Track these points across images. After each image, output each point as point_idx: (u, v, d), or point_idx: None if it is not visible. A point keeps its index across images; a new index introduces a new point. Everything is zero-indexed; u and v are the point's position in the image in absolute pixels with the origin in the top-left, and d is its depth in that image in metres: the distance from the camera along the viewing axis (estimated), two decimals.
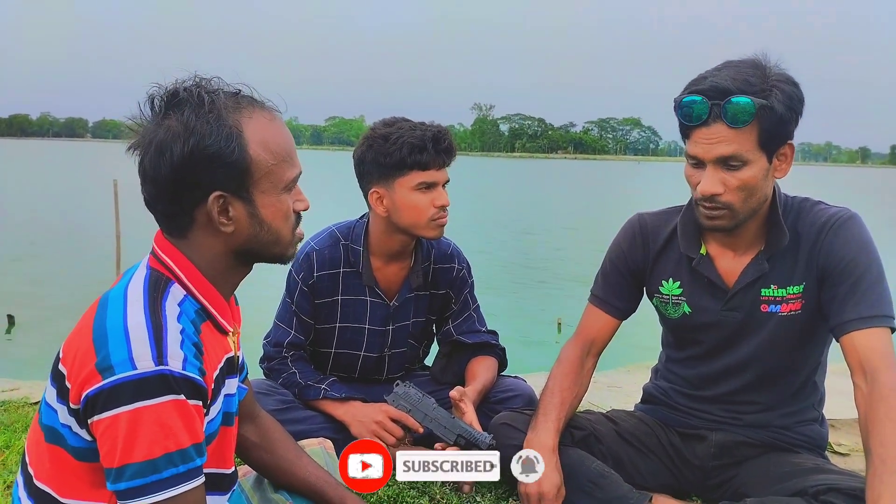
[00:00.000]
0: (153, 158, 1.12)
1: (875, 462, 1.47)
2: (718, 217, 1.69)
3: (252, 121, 1.16)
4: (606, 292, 1.99)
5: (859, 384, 1.58)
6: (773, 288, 1.78)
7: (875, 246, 1.71)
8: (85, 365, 1.05)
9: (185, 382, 1.05)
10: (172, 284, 1.15)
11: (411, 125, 2.06)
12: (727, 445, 1.90)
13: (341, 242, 2.19)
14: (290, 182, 1.21)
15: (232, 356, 1.25)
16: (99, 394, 1.03)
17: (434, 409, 2.00)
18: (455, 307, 2.31)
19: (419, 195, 2.04)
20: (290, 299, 2.19)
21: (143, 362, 1.03)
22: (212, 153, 1.11)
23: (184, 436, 1.05)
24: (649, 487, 1.89)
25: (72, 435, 1.10)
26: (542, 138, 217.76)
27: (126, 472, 1.03)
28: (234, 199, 1.16)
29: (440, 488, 2.00)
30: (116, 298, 1.11)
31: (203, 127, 1.11)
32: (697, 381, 1.94)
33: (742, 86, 1.58)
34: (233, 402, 1.28)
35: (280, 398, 2.09)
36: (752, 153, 1.61)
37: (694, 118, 1.62)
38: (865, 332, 1.61)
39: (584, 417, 2.03)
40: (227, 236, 1.18)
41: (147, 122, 1.15)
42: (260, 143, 1.16)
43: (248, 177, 1.15)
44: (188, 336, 1.10)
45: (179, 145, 1.10)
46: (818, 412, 1.93)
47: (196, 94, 1.13)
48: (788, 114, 1.60)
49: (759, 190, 1.66)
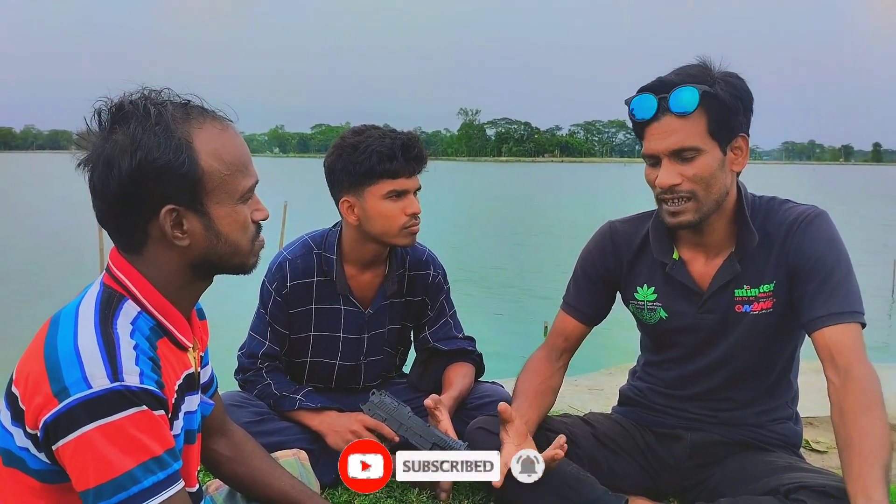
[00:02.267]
0: (101, 174, 1.10)
1: (858, 453, 1.47)
2: (683, 211, 1.71)
3: (202, 131, 1.14)
4: (577, 300, 2.01)
5: (832, 378, 1.60)
6: (745, 288, 1.80)
7: (843, 242, 1.73)
8: (39, 389, 1.03)
9: (144, 395, 1.04)
10: (125, 301, 1.13)
11: (381, 133, 2.04)
12: (702, 445, 1.90)
13: (314, 251, 2.18)
14: (247, 192, 1.19)
15: (192, 372, 1.24)
16: (58, 419, 1.01)
17: (409, 418, 2.00)
18: (431, 314, 2.30)
19: (390, 204, 2.03)
20: (264, 310, 2.17)
21: (97, 380, 1.01)
22: (160, 166, 1.09)
23: (154, 444, 1.04)
24: (626, 490, 1.89)
25: (31, 457, 1.07)
26: (529, 142, 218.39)
27: (106, 490, 1.01)
28: (188, 213, 1.13)
29: (417, 496, 1.99)
30: (67, 318, 1.10)
31: (150, 140, 1.09)
32: (675, 381, 1.95)
33: (685, 78, 1.66)
34: (194, 420, 1.26)
35: (255, 410, 2.07)
36: (703, 142, 1.66)
37: (644, 114, 1.68)
38: (836, 327, 1.63)
39: (561, 421, 2.04)
40: (183, 250, 1.16)
41: (94, 136, 1.12)
42: (211, 153, 1.14)
43: (200, 189, 1.13)
44: (143, 351, 1.08)
45: (127, 159, 1.08)
46: (792, 410, 1.94)
47: (142, 106, 1.11)
48: (735, 103, 1.65)
49: (716, 181, 1.69)
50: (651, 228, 1.89)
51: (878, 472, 1.44)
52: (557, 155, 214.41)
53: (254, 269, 1.27)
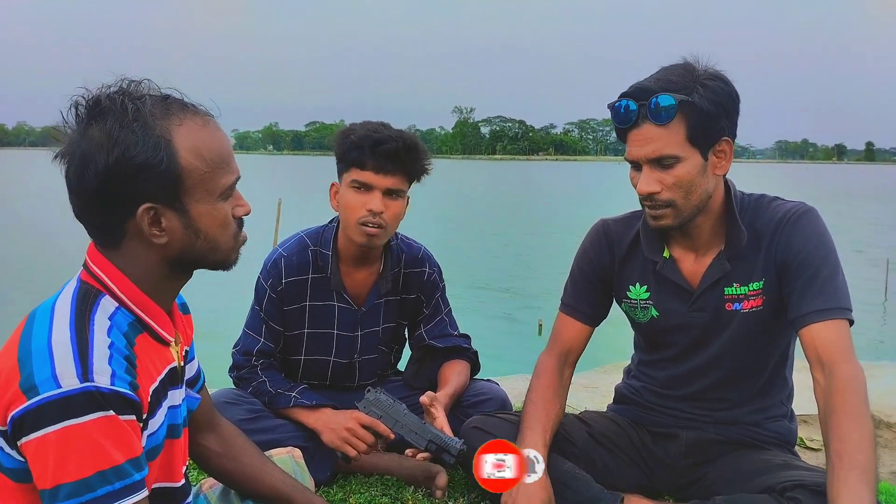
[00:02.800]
0: (77, 170, 1.08)
1: (833, 458, 1.47)
2: (662, 216, 1.72)
3: (182, 127, 1.11)
4: (576, 300, 1.99)
5: (818, 378, 1.60)
6: (735, 286, 1.79)
7: (831, 239, 1.73)
8: (9, 385, 1.02)
9: (114, 397, 1.02)
10: (103, 297, 1.12)
11: (373, 127, 2.04)
12: (698, 444, 1.90)
13: (310, 248, 2.17)
14: (227, 189, 1.17)
15: (175, 366, 1.22)
16: (25, 415, 1.00)
17: (405, 415, 1.99)
18: (426, 311, 2.30)
19: (353, 194, 2.04)
20: (259, 307, 2.17)
21: (67, 380, 1.00)
22: (138, 164, 1.07)
23: (116, 453, 1.02)
24: (621, 488, 1.89)
25: (4, 456, 1.06)
26: (523, 140, 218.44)
27: (60, 493, 1.00)
28: (166, 210, 1.11)
29: (412, 494, 1.99)
30: (43, 314, 1.08)
31: (128, 137, 1.06)
32: (669, 381, 1.95)
33: (665, 85, 1.64)
34: (178, 414, 1.25)
35: (249, 407, 2.07)
36: (682, 150, 1.65)
37: (624, 120, 1.68)
38: (823, 324, 1.62)
39: None
40: (161, 247, 1.14)
41: (70, 130, 1.10)
42: (191, 150, 1.11)
43: (179, 186, 1.11)
44: (118, 350, 1.07)
45: (103, 156, 1.06)
46: (787, 407, 1.94)
47: (119, 101, 1.08)
48: (716, 109, 1.63)
49: (697, 187, 1.69)
50: (642, 227, 1.88)
51: (851, 479, 1.43)
52: (552, 153, 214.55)
53: (234, 265, 1.24)
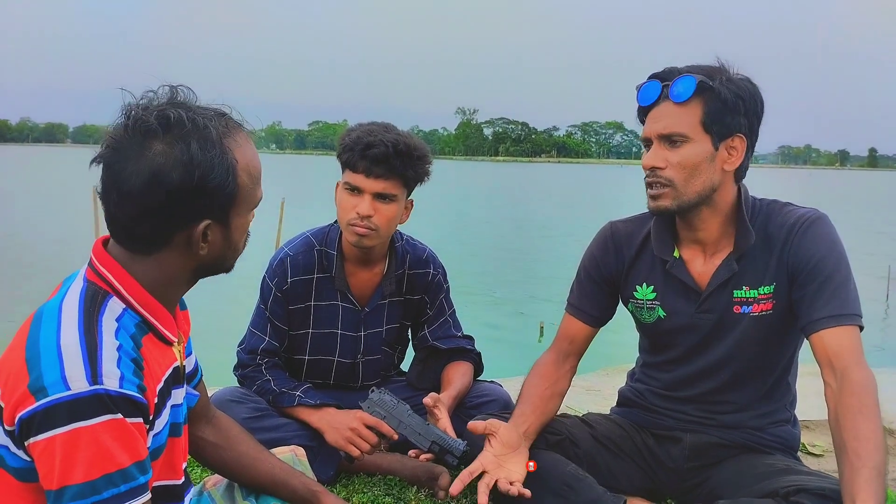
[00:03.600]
0: (146, 183, 1.08)
1: (850, 457, 1.48)
2: (660, 196, 1.74)
3: (239, 148, 1.16)
4: (581, 300, 2.01)
5: (829, 381, 1.61)
6: (744, 289, 1.80)
7: (843, 246, 1.74)
8: (18, 386, 1.03)
9: (122, 401, 1.03)
10: (110, 298, 1.13)
11: (369, 130, 2.05)
12: (701, 447, 1.91)
13: (315, 248, 2.18)
14: (259, 201, 1.23)
15: (177, 366, 1.24)
16: (33, 416, 1.01)
17: (409, 416, 1.99)
18: (430, 312, 2.30)
19: (345, 195, 2.07)
20: (264, 305, 2.17)
21: (76, 383, 1.01)
22: (213, 186, 1.11)
23: (123, 456, 1.03)
24: (624, 490, 1.89)
25: (10, 455, 1.07)
26: (526, 142, 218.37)
27: (66, 495, 1.01)
28: (216, 225, 1.16)
29: (415, 494, 1.99)
30: (50, 315, 1.08)
31: (208, 160, 1.10)
32: (673, 383, 1.95)
33: (691, 69, 1.71)
34: (180, 413, 1.26)
35: (253, 406, 2.07)
36: (693, 131, 1.69)
37: (646, 98, 1.75)
38: (835, 330, 1.64)
39: (560, 421, 2.03)
40: (197, 257, 1.17)
41: (128, 139, 1.10)
42: (244, 169, 1.16)
43: (234, 203, 1.16)
44: (126, 352, 1.08)
45: (179, 174, 1.08)
46: (790, 413, 1.94)
47: (200, 123, 1.11)
48: (736, 102, 1.68)
49: (701, 173, 1.71)
50: (653, 227, 1.90)
51: (868, 475, 1.44)
52: (554, 155, 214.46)
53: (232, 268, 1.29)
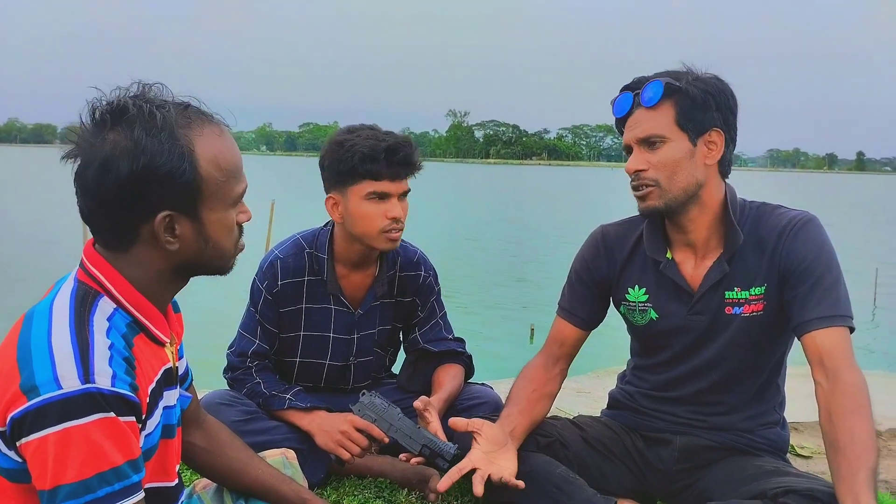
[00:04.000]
0: (98, 174, 1.08)
1: (848, 457, 1.49)
2: (647, 196, 1.78)
3: (202, 137, 1.13)
4: (572, 304, 2.02)
5: (820, 381, 1.63)
6: (736, 290, 1.82)
7: (833, 248, 1.76)
8: (9, 386, 1.02)
9: (115, 399, 1.03)
10: (101, 298, 1.12)
11: (369, 133, 2.02)
12: (691, 449, 1.91)
13: (306, 250, 2.17)
14: (238, 197, 1.20)
15: (170, 367, 1.23)
16: (25, 416, 1.00)
17: (399, 419, 1.99)
18: (421, 315, 2.30)
19: (370, 205, 2.01)
20: (255, 308, 2.17)
21: (68, 381, 1.00)
22: (162, 173, 1.08)
23: (116, 454, 1.03)
24: (614, 492, 1.90)
25: (2, 457, 1.06)
26: (517, 145, 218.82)
27: (59, 494, 1.00)
28: (182, 217, 1.13)
29: (406, 496, 1.99)
30: (41, 315, 1.08)
31: (155, 146, 1.08)
32: (664, 384, 1.96)
33: (659, 75, 1.77)
34: (173, 414, 1.26)
35: (243, 409, 2.06)
36: (669, 132, 1.74)
37: (620, 110, 1.82)
38: (826, 331, 1.66)
39: (550, 423, 2.04)
40: (171, 253, 1.15)
41: (87, 132, 1.10)
42: (210, 160, 1.13)
43: (198, 195, 1.13)
44: (118, 351, 1.07)
45: (128, 163, 1.07)
46: (779, 415, 1.96)
47: (146, 109, 1.09)
48: (704, 97, 1.73)
49: (682, 170, 1.75)
50: (646, 229, 1.91)
51: (865, 476, 1.46)
52: (545, 158, 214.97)
53: (230, 271, 1.26)
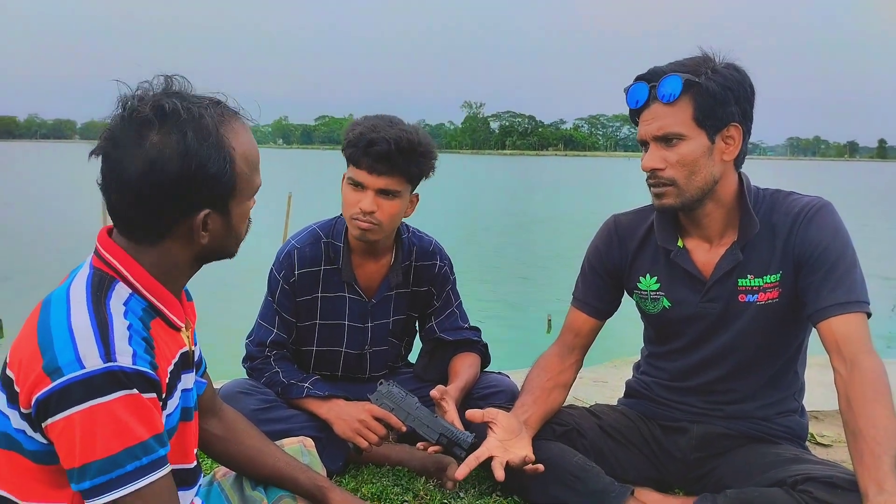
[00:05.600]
0: (143, 173, 1.09)
1: (870, 444, 1.48)
2: (664, 194, 1.75)
3: (237, 136, 1.16)
4: (586, 294, 2.02)
5: (838, 368, 1.62)
6: (749, 278, 1.80)
7: (848, 233, 1.74)
8: (32, 369, 1.04)
9: (136, 377, 1.05)
10: (117, 283, 1.14)
11: (374, 124, 2.04)
12: (708, 438, 1.91)
13: (322, 240, 2.19)
14: (257, 188, 1.23)
15: (186, 351, 1.25)
16: (49, 397, 1.02)
17: (417, 408, 2.00)
18: (437, 304, 2.31)
19: (348, 189, 2.08)
20: (272, 298, 2.19)
21: (90, 361, 1.03)
22: (210, 175, 1.12)
23: (141, 429, 1.05)
24: (631, 480, 1.90)
25: (27, 439, 1.09)
26: (533, 135, 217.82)
27: (89, 471, 1.03)
28: (216, 213, 1.17)
29: (424, 484, 2.00)
30: (59, 299, 1.10)
31: (205, 150, 1.11)
32: (679, 373, 1.96)
33: (676, 68, 1.71)
34: (190, 397, 1.28)
35: (262, 397, 2.08)
36: (687, 129, 1.70)
37: (634, 101, 1.76)
38: (843, 317, 1.64)
39: (567, 412, 2.05)
40: (200, 246, 1.18)
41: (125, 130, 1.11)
42: (243, 157, 1.17)
43: (233, 192, 1.17)
44: (136, 332, 1.09)
45: (176, 165, 1.09)
46: (798, 403, 1.94)
47: (195, 112, 1.11)
48: (723, 93, 1.68)
49: (701, 168, 1.72)
50: (656, 218, 1.91)
51: (889, 462, 1.45)
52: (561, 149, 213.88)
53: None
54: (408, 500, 1.91)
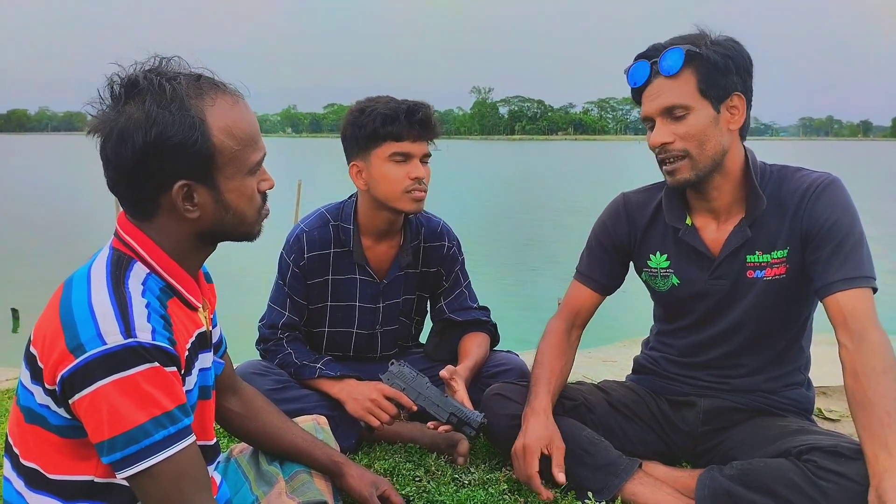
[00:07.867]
0: (115, 147, 1.12)
1: (879, 413, 1.50)
2: (678, 170, 1.75)
3: (215, 107, 1.16)
4: (590, 268, 2.04)
5: (844, 342, 1.63)
6: (758, 254, 1.82)
7: (855, 209, 1.75)
8: (55, 346, 1.08)
9: (156, 351, 1.08)
10: (135, 263, 1.17)
11: (388, 99, 2.08)
12: (715, 411, 1.93)
13: (331, 223, 2.21)
14: (255, 165, 1.22)
15: (203, 331, 1.28)
16: (74, 373, 1.06)
17: (427, 388, 2.03)
18: (446, 284, 2.34)
19: (393, 166, 2.06)
20: (283, 281, 2.22)
21: (111, 337, 1.06)
22: (175, 143, 1.12)
23: (166, 400, 1.09)
24: (639, 454, 1.93)
25: (51, 414, 1.13)
26: (542, 120, 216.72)
27: (118, 443, 1.06)
28: (199, 187, 1.17)
29: (435, 460, 2.03)
30: (80, 279, 1.14)
31: (165, 116, 1.11)
32: (687, 349, 1.98)
33: (676, 41, 1.73)
34: (208, 376, 1.31)
35: (276, 378, 2.12)
36: (692, 100, 1.71)
37: (637, 79, 1.76)
38: (849, 292, 1.66)
39: (576, 388, 2.07)
40: (192, 221, 1.19)
41: (107, 108, 1.14)
42: (223, 129, 1.16)
43: (212, 164, 1.16)
44: (154, 310, 1.12)
45: (141, 134, 1.10)
46: (804, 376, 1.96)
47: (157, 82, 1.13)
48: (724, 62, 1.69)
49: (710, 138, 1.73)
50: (664, 195, 1.92)
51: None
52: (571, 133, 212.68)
53: (258, 237, 1.30)
54: (420, 475, 1.95)
